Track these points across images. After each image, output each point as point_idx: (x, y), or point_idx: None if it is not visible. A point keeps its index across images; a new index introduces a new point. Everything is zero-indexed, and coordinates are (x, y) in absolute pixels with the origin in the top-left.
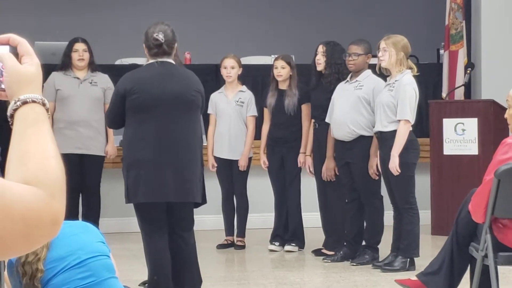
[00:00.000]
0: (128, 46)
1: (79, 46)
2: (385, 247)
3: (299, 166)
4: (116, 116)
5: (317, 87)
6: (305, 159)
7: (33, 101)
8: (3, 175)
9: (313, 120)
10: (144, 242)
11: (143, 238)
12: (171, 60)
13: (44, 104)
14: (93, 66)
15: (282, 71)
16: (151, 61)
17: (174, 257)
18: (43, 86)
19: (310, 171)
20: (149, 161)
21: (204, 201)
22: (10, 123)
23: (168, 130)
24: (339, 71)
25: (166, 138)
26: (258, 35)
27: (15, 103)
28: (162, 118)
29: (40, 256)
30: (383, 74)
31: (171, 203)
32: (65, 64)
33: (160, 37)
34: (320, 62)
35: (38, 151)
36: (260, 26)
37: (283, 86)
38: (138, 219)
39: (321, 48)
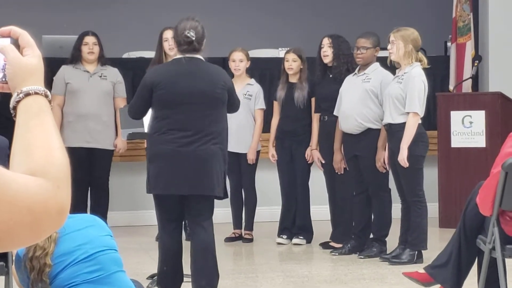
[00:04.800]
0: (135, 39)
1: (89, 40)
2: (392, 240)
3: (306, 159)
4: (140, 108)
5: (323, 80)
6: (311, 153)
7: (36, 93)
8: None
9: (319, 114)
10: (159, 231)
11: (158, 227)
12: (199, 56)
13: (46, 96)
14: (103, 60)
15: (293, 64)
16: (179, 56)
17: (194, 246)
18: (52, 79)
19: (320, 164)
20: (169, 154)
21: (225, 195)
22: (13, 115)
23: (190, 125)
24: (347, 62)
25: (188, 133)
26: (265, 28)
27: (17, 95)
28: (186, 114)
29: (48, 251)
30: (395, 67)
31: (189, 195)
32: (75, 58)
33: (191, 34)
34: (327, 54)
35: (42, 142)
36: (268, 19)
37: (293, 79)
38: (155, 208)
39: (326, 40)
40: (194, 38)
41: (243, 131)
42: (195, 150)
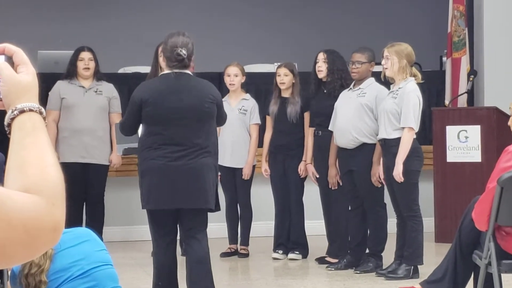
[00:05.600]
0: (131, 54)
1: (85, 55)
2: (388, 255)
3: (299, 173)
4: (132, 125)
5: (317, 95)
6: (305, 167)
7: (30, 110)
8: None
9: (313, 128)
10: (153, 246)
11: (152, 243)
12: (187, 71)
13: (41, 113)
14: (98, 75)
15: (285, 79)
16: (167, 71)
17: (188, 259)
18: (47, 95)
19: (314, 178)
20: (161, 169)
21: (217, 208)
22: (7, 132)
23: (180, 140)
24: (341, 77)
25: (179, 148)
26: (261, 43)
27: (12, 112)
28: (176, 129)
29: (44, 267)
30: (389, 82)
31: (182, 209)
32: (71, 73)
33: (183, 52)
34: (322, 69)
35: (37, 159)
36: (263, 34)
37: (285, 93)
38: (149, 223)
39: (322, 56)
40: (185, 56)
41: (238, 146)
42: (186, 163)
